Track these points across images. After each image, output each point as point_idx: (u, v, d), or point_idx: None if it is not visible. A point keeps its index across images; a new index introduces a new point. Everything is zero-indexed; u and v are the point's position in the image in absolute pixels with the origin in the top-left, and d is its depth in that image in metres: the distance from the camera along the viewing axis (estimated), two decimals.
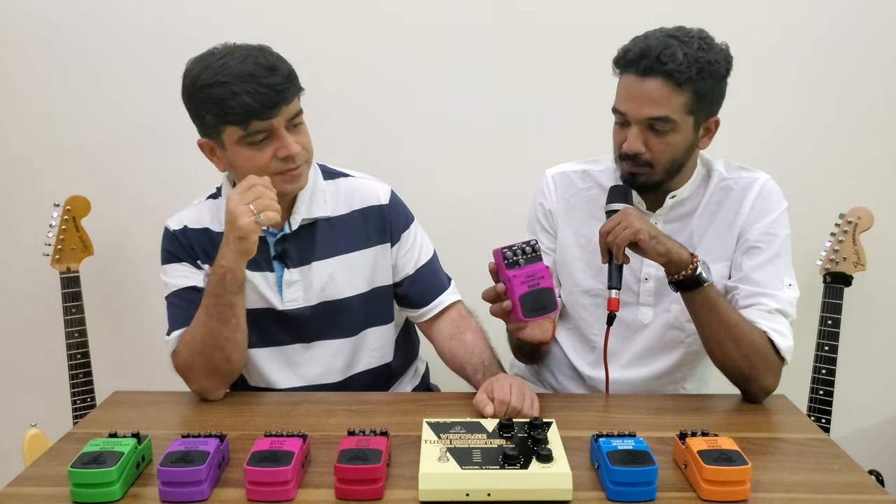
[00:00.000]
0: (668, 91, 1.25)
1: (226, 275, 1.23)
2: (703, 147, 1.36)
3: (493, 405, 1.19)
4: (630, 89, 1.29)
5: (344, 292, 1.41)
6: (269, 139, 1.26)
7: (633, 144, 1.29)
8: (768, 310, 1.31)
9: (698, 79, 1.25)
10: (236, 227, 1.20)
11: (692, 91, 1.26)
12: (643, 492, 0.96)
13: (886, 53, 1.95)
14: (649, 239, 1.23)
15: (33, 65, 1.99)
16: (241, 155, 1.27)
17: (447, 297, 1.47)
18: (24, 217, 2.06)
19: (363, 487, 0.96)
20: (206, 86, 1.22)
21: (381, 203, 1.44)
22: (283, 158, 1.27)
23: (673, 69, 1.23)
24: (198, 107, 1.26)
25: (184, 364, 1.30)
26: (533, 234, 1.53)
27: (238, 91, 1.20)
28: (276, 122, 1.24)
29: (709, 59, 1.25)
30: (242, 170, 1.28)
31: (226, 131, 1.25)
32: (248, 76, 1.21)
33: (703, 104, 1.28)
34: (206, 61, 1.25)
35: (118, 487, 0.97)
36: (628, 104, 1.29)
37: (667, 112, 1.26)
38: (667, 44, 1.25)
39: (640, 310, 1.45)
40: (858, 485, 1.02)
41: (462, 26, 1.97)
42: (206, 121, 1.26)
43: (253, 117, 1.22)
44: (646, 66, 1.25)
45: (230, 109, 1.21)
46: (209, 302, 1.26)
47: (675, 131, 1.28)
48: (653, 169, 1.32)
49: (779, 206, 1.38)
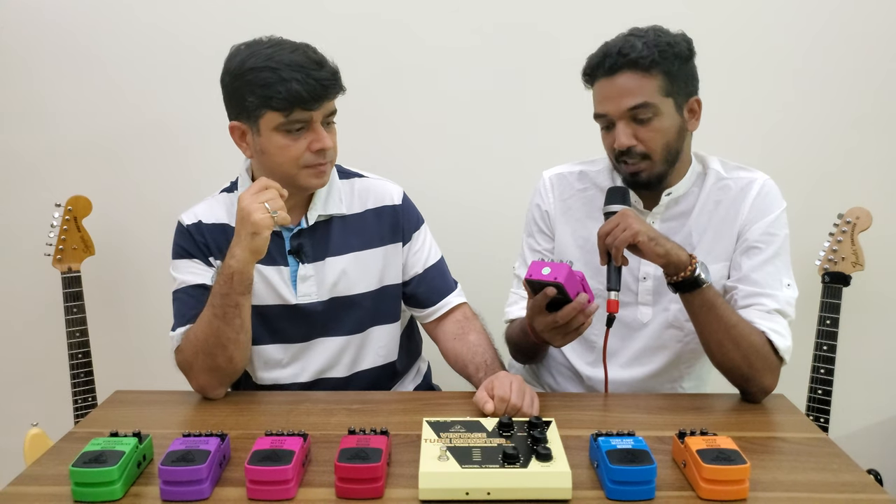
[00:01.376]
0: (638, 79, 1.28)
1: (234, 275, 1.24)
2: (692, 128, 1.36)
3: (493, 402, 1.19)
4: (603, 91, 1.32)
5: (355, 289, 1.43)
6: (305, 131, 1.29)
7: (623, 139, 1.31)
8: (767, 310, 1.31)
9: (662, 60, 1.28)
10: (250, 223, 1.21)
11: (662, 73, 1.28)
12: (642, 491, 0.96)
13: (886, 53, 1.95)
14: (648, 240, 1.24)
15: (34, 65, 2.00)
16: (275, 142, 1.29)
17: (454, 298, 1.49)
18: (25, 217, 2.06)
19: (363, 486, 0.96)
20: (254, 69, 1.26)
21: (395, 203, 1.46)
22: (315, 151, 1.30)
23: (636, 57, 1.27)
24: (241, 88, 1.28)
25: (186, 361, 1.31)
26: (530, 235, 1.54)
27: (287, 78, 1.24)
28: (315, 115, 1.28)
29: (667, 41, 1.29)
30: (275, 157, 1.30)
31: (265, 116, 1.27)
32: (299, 66, 1.25)
33: (676, 85, 1.30)
34: (253, 48, 1.29)
35: (119, 486, 0.97)
36: (606, 104, 1.31)
37: (644, 98, 1.28)
38: (624, 40, 1.29)
39: (639, 309, 1.45)
40: (857, 484, 1.03)
41: (461, 31, 1.97)
42: (248, 103, 1.28)
43: (297, 106, 1.25)
44: (610, 64, 1.28)
45: (277, 94, 1.24)
46: (215, 302, 1.26)
47: (659, 116, 1.30)
48: (651, 161, 1.32)
49: (778, 206, 1.38)
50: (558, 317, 1.19)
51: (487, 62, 1.99)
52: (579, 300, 1.18)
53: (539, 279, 1.18)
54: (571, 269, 1.19)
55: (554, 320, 1.20)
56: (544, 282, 1.17)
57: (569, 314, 1.19)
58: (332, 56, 1.32)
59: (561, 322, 1.20)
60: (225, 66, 1.31)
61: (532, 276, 1.19)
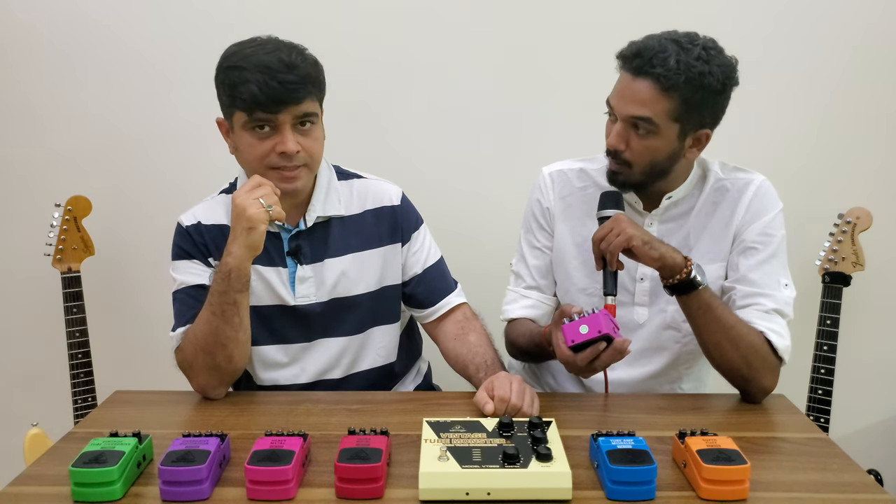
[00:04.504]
0: (655, 94, 1.25)
1: (231, 272, 1.24)
2: (690, 157, 1.35)
3: (494, 403, 1.19)
4: (621, 86, 1.31)
5: (355, 290, 1.43)
6: (273, 132, 1.29)
7: (613, 140, 1.32)
8: (765, 310, 1.31)
9: (686, 87, 1.24)
10: (245, 218, 1.22)
11: (679, 99, 1.25)
12: (642, 491, 0.96)
13: (886, 53, 1.95)
14: (642, 245, 1.24)
15: (34, 66, 1.99)
16: (244, 140, 1.30)
17: (454, 298, 1.49)
18: (25, 217, 2.06)
19: (363, 486, 0.96)
20: (227, 68, 1.28)
21: (393, 204, 1.46)
22: (279, 154, 1.29)
23: (661, 73, 1.23)
24: (219, 86, 1.32)
25: (186, 361, 1.31)
26: (529, 231, 1.53)
27: (250, 79, 1.24)
28: (282, 117, 1.27)
29: (702, 70, 1.23)
30: (244, 154, 1.32)
31: (235, 114, 1.29)
32: (265, 68, 1.24)
33: (691, 114, 1.27)
34: (240, 46, 1.31)
35: (119, 487, 0.97)
36: (616, 99, 1.31)
37: (650, 114, 1.26)
38: (664, 47, 1.24)
39: (635, 309, 1.45)
40: (857, 484, 1.03)
41: (462, 26, 1.97)
42: (223, 100, 1.32)
43: (257, 108, 1.25)
44: (637, 65, 1.26)
45: (238, 94, 1.25)
46: (213, 300, 1.26)
47: (657, 135, 1.28)
48: (630, 169, 1.32)
49: (774, 207, 1.38)
50: (597, 364, 1.18)
51: (488, 61, 1.99)
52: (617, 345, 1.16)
53: (585, 340, 1.16)
54: (604, 315, 1.17)
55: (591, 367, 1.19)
56: (592, 340, 1.16)
57: (610, 360, 1.17)
58: (331, 57, 1.31)
59: (600, 368, 1.19)
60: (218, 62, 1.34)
61: (576, 340, 1.17)
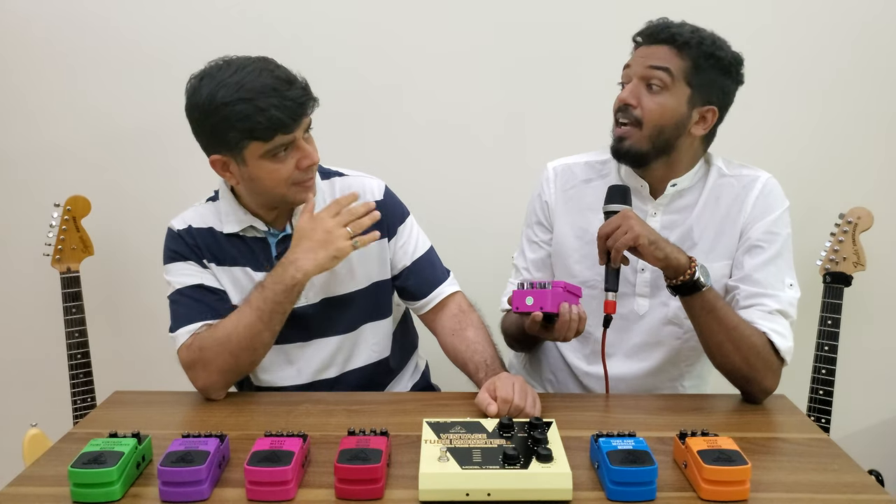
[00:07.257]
0: (671, 54, 1.31)
1: (297, 286, 1.26)
2: (695, 132, 1.35)
3: (496, 404, 1.19)
4: (637, 53, 1.36)
5: (345, 288, 1.43)
6: (289, 151, 1.28)
7: (625, 94, 1.34)
8: (769, 310, 1.31)
9: (698, 51, 1.30)
10: (333, 248, 1.25)
11: (692, 62, 1.30)
12: (643, 492, 0.96)
13: (886, 53, 1.94)
14: (648, 244, 1.23)
15: (34, 65, 1.99)
16: (264, 169, 1.28)
17: (446, 287, 1.48)
18: (24, 217, 2.06)
19: (363, 487, 0.96)
20: (227, 103, 1.21)
21: (376, 199, 1.45)
22: (304, 168, 1.29)
23: (676, 33, 1.30)
24: (219, 125, 1.24)
25: (201, 359, 1.29)
26: (528, 226, 1.54)
27: (264, 106, 1.21)
28: (297, 134, 1.26)
29: (715, 41, 1.32)
30: (264, 182, 1.29)
31: (249, 147, 1.25)
32: (272, 90, 1.22)
33: (702, 80, 1.31)
34: (216, 78, 1.23)
35: (118, 487, 0.97)
36: (634, 61, 1.35)
37: (668, 65, 1.31)
38: (681, 23, 1.34)
39: (636, 300, 1.45)
40: (858, 484, 1.03)
41: (463, 21, 1.97)
42: (230, 138, 1.24)
43: (280, 132, 1.23)
44: (652, 33, 1.33)
45: (258, 125, 1.21)
46: (266, 307, 1.27)
47: (669, 91, 1.31)
48: (640, 131, 1.33)
49: (780, 205, 1.38)
50: (555, 334, 1.27)
51: (487, 61, 1.99)
52: (563, 317, 1.24)
53: (525, 311, 1.25)
54: (552, 290, 1.24)
55: (552, 336, 1.28)
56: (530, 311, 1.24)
57: (562, 329, 1.25)
58: (333, 51, 1.31)
59: (559, 336, 1.27)
60: (190, 101, 1.27)
61: (518, 308, 1.26)
